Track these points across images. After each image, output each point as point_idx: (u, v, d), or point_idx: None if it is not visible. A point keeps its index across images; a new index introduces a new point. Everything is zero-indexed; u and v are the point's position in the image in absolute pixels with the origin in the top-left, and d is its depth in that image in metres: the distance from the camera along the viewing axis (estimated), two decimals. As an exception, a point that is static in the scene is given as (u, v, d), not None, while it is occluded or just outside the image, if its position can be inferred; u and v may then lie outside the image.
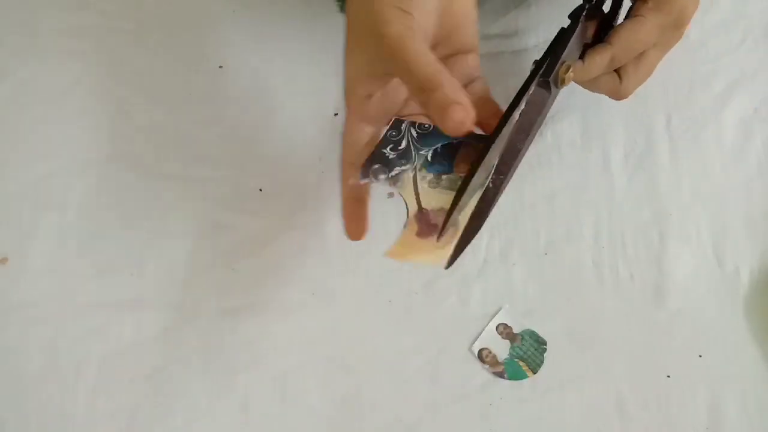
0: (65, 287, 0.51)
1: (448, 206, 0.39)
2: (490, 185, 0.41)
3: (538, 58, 0.46)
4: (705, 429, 0.48)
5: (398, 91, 0.43)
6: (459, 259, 0.52)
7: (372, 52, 0.39)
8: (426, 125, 0.42)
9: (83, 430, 0.48)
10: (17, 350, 0.50)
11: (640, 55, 0.47)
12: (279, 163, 0.56)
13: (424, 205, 0.40)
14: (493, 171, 0.41)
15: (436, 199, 0.40)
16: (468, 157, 0.41)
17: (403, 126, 0.42)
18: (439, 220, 0.39)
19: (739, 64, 0.59)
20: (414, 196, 0.41)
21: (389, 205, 0.53)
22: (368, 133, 0.43)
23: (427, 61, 0.36)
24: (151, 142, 0.56)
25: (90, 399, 0.48)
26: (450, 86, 0.36)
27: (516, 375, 0.49)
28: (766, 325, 0.50)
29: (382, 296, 0.51)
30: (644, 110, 0.57)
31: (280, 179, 0.55)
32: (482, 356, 0.50)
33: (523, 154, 0.46)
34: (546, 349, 0.50)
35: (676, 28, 0.47)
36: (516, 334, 0.50)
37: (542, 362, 0.49)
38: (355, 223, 0.45)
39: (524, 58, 0.59)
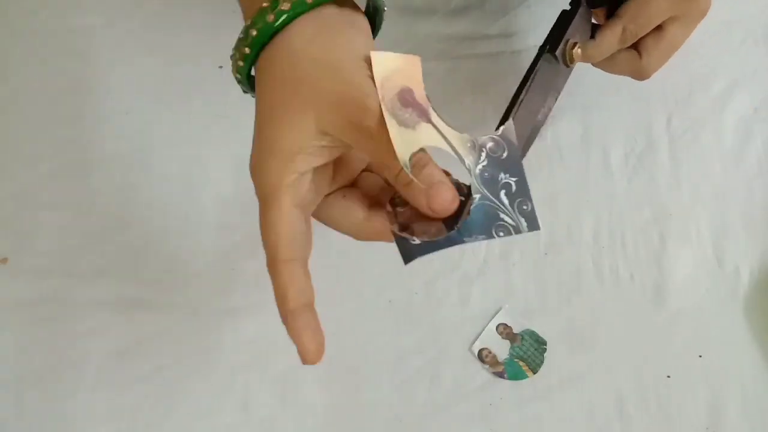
0: (65, 287, 0.51)
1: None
2: None
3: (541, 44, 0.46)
4: (705, 429, 0.48)
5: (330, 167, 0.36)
6: (459, 259, 0.52)
7: (331, 121, 0.32)
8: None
9: (83, 430, 0.48)
10: (17, 350, 0.50)
11: (659, 30, 0.46)
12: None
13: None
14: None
15: None
16: None
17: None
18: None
19: (739, 64, 0.59)
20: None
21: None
22: (303, 221, 0.35)
23: None
24: (151, 143, 0.56)
25: (90, 399, 0.48)
26: (435, 165, 0.33)
27: (516, 375, 0.49)
28: (766, 325, 0.50)
29: (382, 296, 0.51)
30: (644, 110, 0.57)
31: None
32: (482, 356, 0.50)
33: (537, 131, 0.46)
34: (546, 349, 0.50)
35: None
36: (516, 334, 0.50)
37: (542, 362, 0.49)
38: (313, 337, 0.35)
39: (524, 58, 0.59)
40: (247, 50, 0.34)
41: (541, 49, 0.46)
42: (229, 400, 0.49)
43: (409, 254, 0.35)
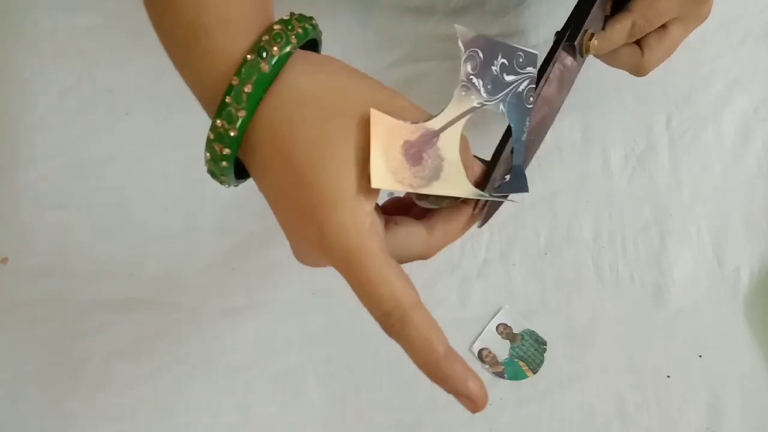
0: (65, 287, 0.51)
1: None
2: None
3: (558, 30, 0.46)
4: (705, 429, 0.48)
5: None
6: (459, 259, 0.52)
7: None
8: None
9: (83, 430, 0.48)
10: (17, 350, 0.50)
11: (663, 29, 0.47)
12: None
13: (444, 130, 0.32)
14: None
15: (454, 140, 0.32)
16: None
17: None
18: (430, 156, 0.31)
19: (739, 64, 0.59)
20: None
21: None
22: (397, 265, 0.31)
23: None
24: (151, 142, 0.56)
25: (90, 399, 0.48)
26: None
27: (516, 375, 0.49)
28: (766, 325, 0.50)
29: (382, 296, 0.51)
30: (644, 110, 0.57)
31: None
32: (482, 356, 0.50)
33: (550, 123, 0.47)
34: (546, 349, 0.50)
35: (697, 1, 0.46)
36: (516, 334, 0.50)
37: (542, 362, 0.49)
38: (477, 379, 0.32)
39: (524, 58, 0.59)
40: (242, 113, 0.30)
41: (559, 37, 0.46)
42: (229, 400, 0.49)
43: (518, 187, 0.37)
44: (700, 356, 0.50)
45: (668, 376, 0.49)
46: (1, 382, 0.49)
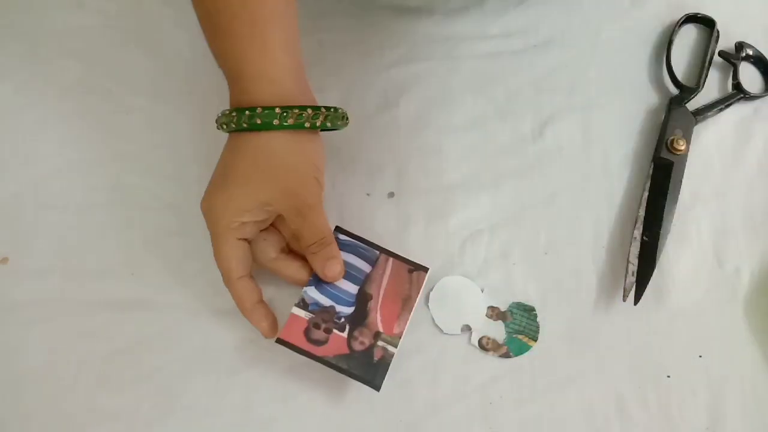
0: (65, 287, 0.52)
1: None
2: (645, 239, 0.51)
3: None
4: (705, 429, 0.48)
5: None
6: (459, 258, 0.52)
7: (280, 201, 0.46)
8: None
9: (83, 430, 0.48)
10: (17, 350, 0.50)
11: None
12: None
13: None
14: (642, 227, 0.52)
15: None
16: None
17: None
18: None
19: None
20: None
21: (388, 206, 0.53)
22: (247, 248, 0.47)
23: (327, 223, 0.48)
24: (151, 142, 0.57)
25: (90, 399, 0.48)
26: (336, 245, 0.48)
27: (520, 350, 0.49)
28: (766, 325, 0.50)
29: (382, 296, 0.51)
30: (644, 110, 0.57)
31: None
32: (483, 345, 0.50)
33: (671, 212, 0.52)
34: (536, 314, 0.50)
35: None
36: (505, 311, 0.50)
37: (538, 327, 0.50)
38: (266, 320, 0.48)
39: (524, 58, 0.59)
40: (244, 125, 0.45)
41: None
42: (229, 400, 0.49)
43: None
44: (700, 356, 0.50)
45: (668, 376, 0.49)
46: (1, 382, 0.49)
